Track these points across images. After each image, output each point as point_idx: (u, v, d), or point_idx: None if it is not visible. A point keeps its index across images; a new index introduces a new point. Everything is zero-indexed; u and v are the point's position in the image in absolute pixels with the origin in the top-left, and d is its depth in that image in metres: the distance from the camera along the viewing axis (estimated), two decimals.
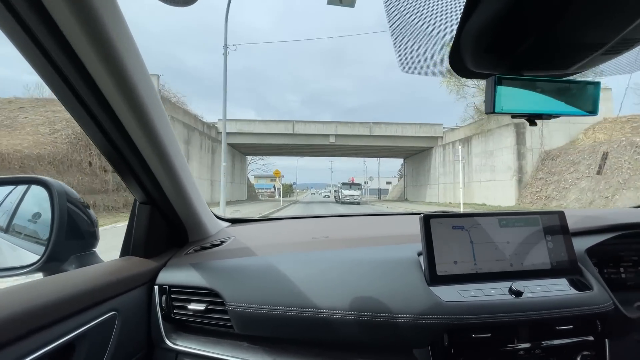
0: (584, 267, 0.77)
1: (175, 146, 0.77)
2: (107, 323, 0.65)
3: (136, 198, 0.86)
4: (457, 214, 0.76)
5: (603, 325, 0.70)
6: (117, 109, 0.61)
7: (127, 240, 0.87)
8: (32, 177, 0.79)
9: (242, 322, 0.75)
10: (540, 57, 0.53)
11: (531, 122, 0.57)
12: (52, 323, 0.53)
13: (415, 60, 0.58)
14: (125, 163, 0.73)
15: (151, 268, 0.84)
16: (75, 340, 0.57)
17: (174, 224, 0.94)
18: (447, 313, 0.66)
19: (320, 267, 0.79)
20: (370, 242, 0.93)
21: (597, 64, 0.54)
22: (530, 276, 0.74)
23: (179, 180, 0.81)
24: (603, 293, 0.72)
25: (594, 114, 0.55)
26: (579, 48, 0.51)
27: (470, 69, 0.55)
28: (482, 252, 0.74)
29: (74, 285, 0.61)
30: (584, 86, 0.54)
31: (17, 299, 0.51)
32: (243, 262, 0.85)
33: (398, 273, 0.74)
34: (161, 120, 0.70)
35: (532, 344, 0.68)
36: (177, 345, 0.78)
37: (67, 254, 0.75)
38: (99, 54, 0.52)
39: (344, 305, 0.70)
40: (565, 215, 0.79)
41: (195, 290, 0.81)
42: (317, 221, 1.38)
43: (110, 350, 0.64)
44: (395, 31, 0.51)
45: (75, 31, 0.49)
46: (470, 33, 0.48)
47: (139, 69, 0.61)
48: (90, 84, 0.56)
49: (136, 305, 0.76)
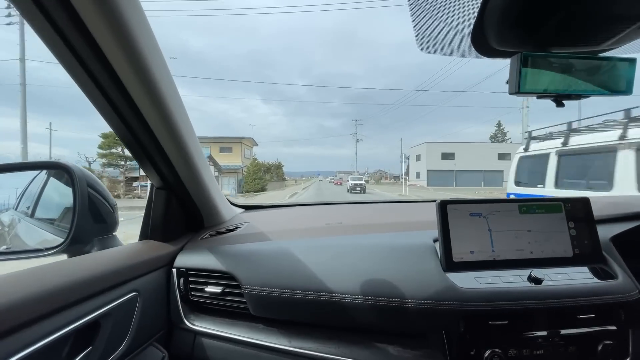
0: (609, 255, 0.75)
1: (190, 132, 0.77)
2: (129, 303, 0.67)
3: (153, 183, 0.88)
4: (474, 199, 0.74)
5: (627, 315, 0.68)
6: (134, 94, 0.62)
7: (145, 225, 0.89)
8: (54, 162, 0.81)
9: (257, 304, 0.76)
10: (570, 32, 0.49)
11: (558, 103, 0.54)
12: (78, 301, 0.56)
13: (434, 38, 0.56)
14: (142, 148, 0.74)
15: (169, 252, 0.86)
16: (100, 319, 0.59)
17: (189, 209, 0.95)
18: (464, 299, 0.65)
19: (335, 252, 0.79)
20: (385, 229, 0.93)
21: (633, 39, 0.50)
22: (551, 264, 0.72)
23: (194, 166, 0.82)
24: (628, 282, 0.69)
25: (628, 94, 0.52)
26: (614, 21, 0.47)
27: (493, 47, 0.52)
28: (500, 240, 0.72)
29: (98, 266, 0.63)
30: (618, 63, 0.51)
31: (45, 277, 0.54)
32: (258, 246, 0.86)
33: (413, 259, 0.74)
34: (177, 105, 0.70)
35: (550, 332, 0.66)
36: (195, 326, 0.80)
37: (90, 237, 0.78)
38: (115, 40, 0.52)
39: (358, 290, 0.70)
40: (590, 201, 0.76)
41: (211, 274, 0.83)
42: (330, 208, 1.38)
43: (132, 328, 0.67)
44: (415, 5, 0.49)
45: (92, 15, 0.49)
46: (496, 7, 0.45)
47: (156, 55, 0.61)
48: (110, 72, 0.57)
49: (156, 287, 0.79)
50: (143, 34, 0.56)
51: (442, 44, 0.56)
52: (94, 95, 0.62)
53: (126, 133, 0.70)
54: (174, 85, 0.70)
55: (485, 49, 0.53)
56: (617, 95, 0.52)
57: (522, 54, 0.49)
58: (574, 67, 0.51)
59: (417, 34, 0.55)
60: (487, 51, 0.53)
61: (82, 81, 0.59)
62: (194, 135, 0.80)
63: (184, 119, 0.74)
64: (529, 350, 0.66)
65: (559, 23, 0.47)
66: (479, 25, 0.49)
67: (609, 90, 0.51)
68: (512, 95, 0.51)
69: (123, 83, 0.59)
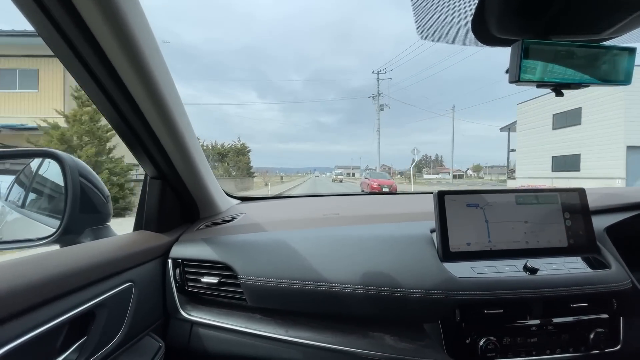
0: (603, 245, 0.76)
1: (185, 121, 0.76)
2: (124, 293, 0.66)
3: (147, 172, 0.86)
4: (471, 190, 0.75)
5: (619, 304, 0.69)
6: (128, 82, 0.61)
7: (140, 215, 0.88)
8: (45, 150, 0.79)
9: (254, 294, 0.76)
10: (570, 20, 0.49)
11: (557, 93, 0.54)
12: (72, 291, 0.55)
13: (434, 25, 0.55)
14: (137, 137, 0.72)
15: (164, 242, 0.85)
16: (95, 309, 0.58)
17: (185, 199, 0.94)
18: (460, 289, 0.66)
19: (332, 243, 0.79)
20: (382, 219, 0.93)
21: (634, 27, 0.50)
22: (546, 254, 0.73)
23: (189, 155, 0.80)
24: (621, 271, 0.71)
25: (626, 84, 0.52)
26: (614, 9, 0.47)
27: (494, 35, 0.51)
28: (497, 230, 0.73)
29: (91, 256, 0.62)
30: (618, 53, 0.51)
31: (38, 266, 0.53)
32: (254, 237, 0.86)
33: (410, 249, 0.74)
34: (172, 94, 0.69)
35: (544, 321, 0.67)
36: (192, 316, 0.80)
37: (82, 227, 0.76)
38: (109, 28, 0.51)
39: (355, 280, 0.70)
40: (585, 192, 0.76)
41: (208, 264, 0.82)
42: (328, 199, 1.38)
43: (128, 318, 0.66)
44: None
45: (85, 3, 0.48)
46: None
47: (150, 43, 0.60)
48: (104, 61, 0.56)
49: (151, 277, 0.78)
50: (137, 22, 0.55)
51: (442, 31, 0.56)
52: (87, 84, 0.61)
53: (120, 122, 0.69)
54: (169, 73, 0.68)
55: (485, 37, 0.52)
56: (616, 85, 0.52)
57: (522, 42, 0.48)
58: (574, 56, 0.50)
59: (417, 22, 0.54)
60: (487, 39, 0.53)
61: (75, 70, 0.58)
62: (189, 124, 0.79)
63: (179, 108, 0.73)
64: (522, 338, 0.67)
65: (560, 11, 0.47)
66: (480, 12, 0.48)
67: (608, 80, 0.51)
68: (511, 83, 0.51)
69: (117, 71, 0.58)
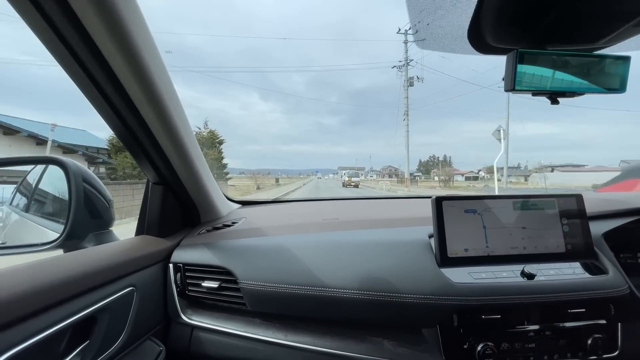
0: (600, 251, 0.76)
1: (187, 127, 0.77)
2: (126, 297, 0.67)
3: (149, 178, 0.87)
4: (469, 196, 0.75)
5: (617, 309, 0.69)
6: (130, 89, 0.61)
7: (142, 220, 0.89)
8: (49, 157, 0.80)
9: (254, 299, 0.77)
10: (565, 30, 0.50)
11: (553, 101, 0.55)
12: (74, 296, 0.56)
13: (431, 34, 0.56)
14: (139, 143, 0.73)
15: (166, 247, 0.86)
16: (97, 313, 0.59)
17: (186, 204, 0.95)
18: (457, 294, 0.66)
19: (331, 248, 0.80)
20: (381, 224, 0.93)
21: (628, 37, 0.51)
22: (544, 260, 0.73)
23: (190, 161, 0.81)
24: (619, 277, 0.71)
25: (621, 92, 0.52)
26: (608, 19, 0.48)
27: (489, 44, 0.52)
28: (494, 236, 0.73)
29: (94, 261, 0.63)
30: (612, 61, 0.51)
31: (41, 272, 0.54)
32: (255, 242, 0.86)
33: (408, 254, 0.74)
34: (173, 100, 0.70)
35: (542, 326, 0.68)
36: (193, 320, 0.81)
37: (86, 232, 0.77)
38: (111, 35, 0.52)
39: (354, 285, 0.71)
40: (583, 198, 0.77)
41: (208, 269, 0.83)
42: (327, 204, 1.39)
43: (129, 323, 0.67)
44: (412, 2, 0.49)
45: (87, 10, 0.48)
46: (493, 3, 0.45)
47: (151, 49, 0.61)
48: (106, 68, 0.57)
49: (152, 282, 0.79)
50: (138, 29, 0.56)
51: (439, 40, 0.57)
52: (89, 91, 0.61)
53: (122, 128, 0.70)
54: (170, 80, 0.69)
55: (481, 46, 0.53)
56: (611, 93, 0.52)
57: (517, 51, 0.49)
58: (569, 65, 0.51)
59: (414, 31, 0.55)
60: (483, 48, 0.53)
61: (77, 77, 0.58)
62: (190, 130, 0.80)
63: (180, 114, 0.74)
64: (520, 343, 0.67)
65: (555, 20, 0.47)
66: (476, 21, 0.49)
67: (603, 88, 0.52)
68: (507, 92, 0.52)
69: (118, 78, 0.59)
